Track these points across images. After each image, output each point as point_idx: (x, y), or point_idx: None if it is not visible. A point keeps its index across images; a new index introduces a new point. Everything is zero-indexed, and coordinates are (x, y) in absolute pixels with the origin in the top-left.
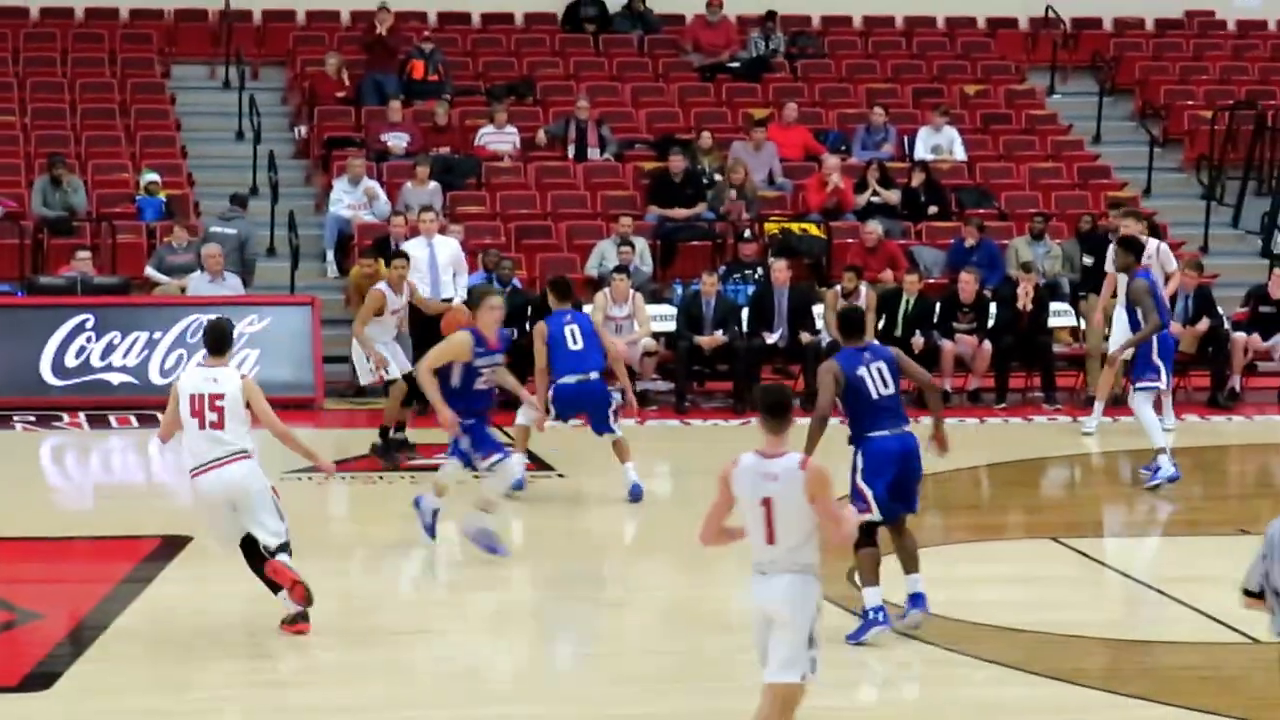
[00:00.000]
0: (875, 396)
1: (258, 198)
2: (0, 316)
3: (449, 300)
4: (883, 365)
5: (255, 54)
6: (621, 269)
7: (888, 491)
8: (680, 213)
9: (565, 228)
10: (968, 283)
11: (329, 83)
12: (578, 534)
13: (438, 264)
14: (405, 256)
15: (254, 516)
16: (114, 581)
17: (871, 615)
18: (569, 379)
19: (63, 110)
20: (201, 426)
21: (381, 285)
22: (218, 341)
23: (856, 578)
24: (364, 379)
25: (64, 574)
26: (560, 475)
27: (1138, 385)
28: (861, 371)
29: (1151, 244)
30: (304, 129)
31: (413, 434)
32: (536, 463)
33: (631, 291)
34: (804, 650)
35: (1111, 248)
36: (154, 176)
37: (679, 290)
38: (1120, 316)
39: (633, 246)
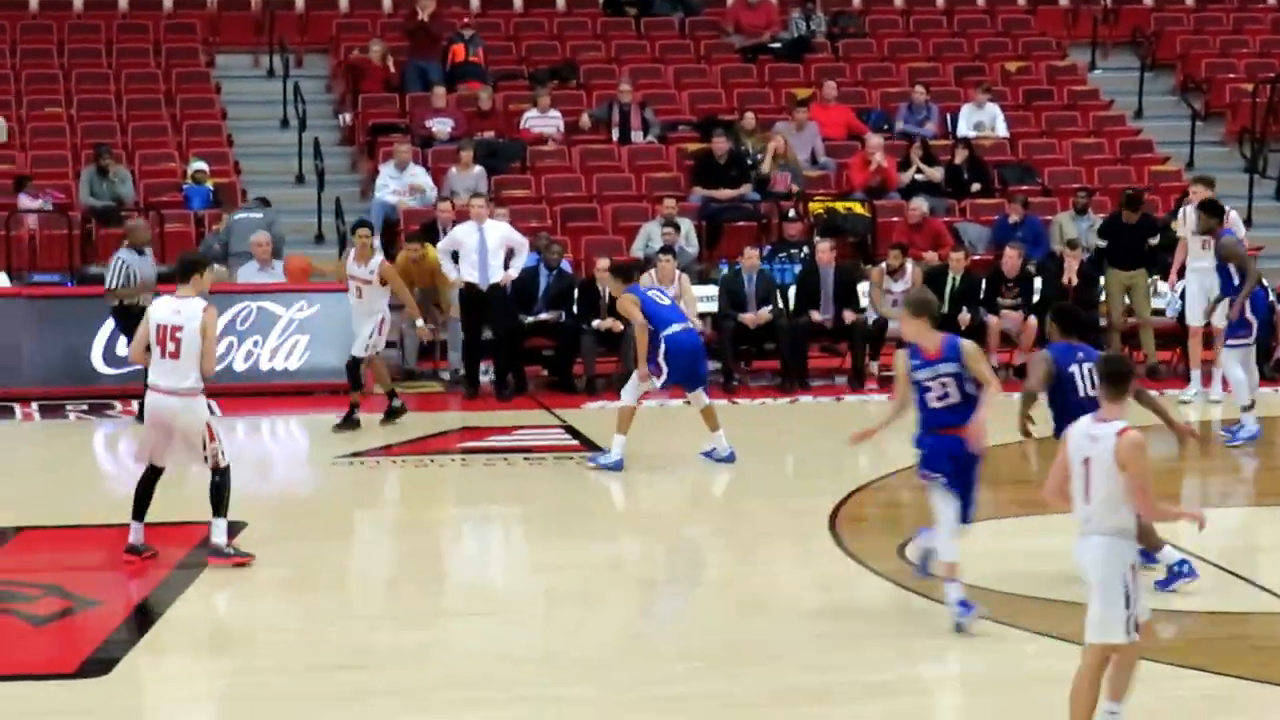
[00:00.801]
0: (1082, 395)
1: (304, 185)
2: (51, 307)
3: (497, 285)
4: (1090, 367)
5: (299, 41)
6: (667, 250)
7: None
8: (725, 193)
9: (610, 210)
10: (1012, 258)
11: (373, 69)
12: (629, 514)
13: (488, 248)
14: (368, 226)
15: (182, 451)
16: (169, 567)
17: (1178, 568)
18: (676, 327)
19: (108, 101)
20: (163, 355)
21: (348, 255)
22: (183, 269)
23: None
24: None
25: (119, 561)
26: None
27: (1229, 343)
28: (1073, 369)
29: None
30: (349, 116)
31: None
32: (585, 443)
33: (677, 273)
34: (1118, 610)
35: (1187, 213)
36: (201, 165)
37: (724, 271)
38: (1199, 283)
39: (678, 228)
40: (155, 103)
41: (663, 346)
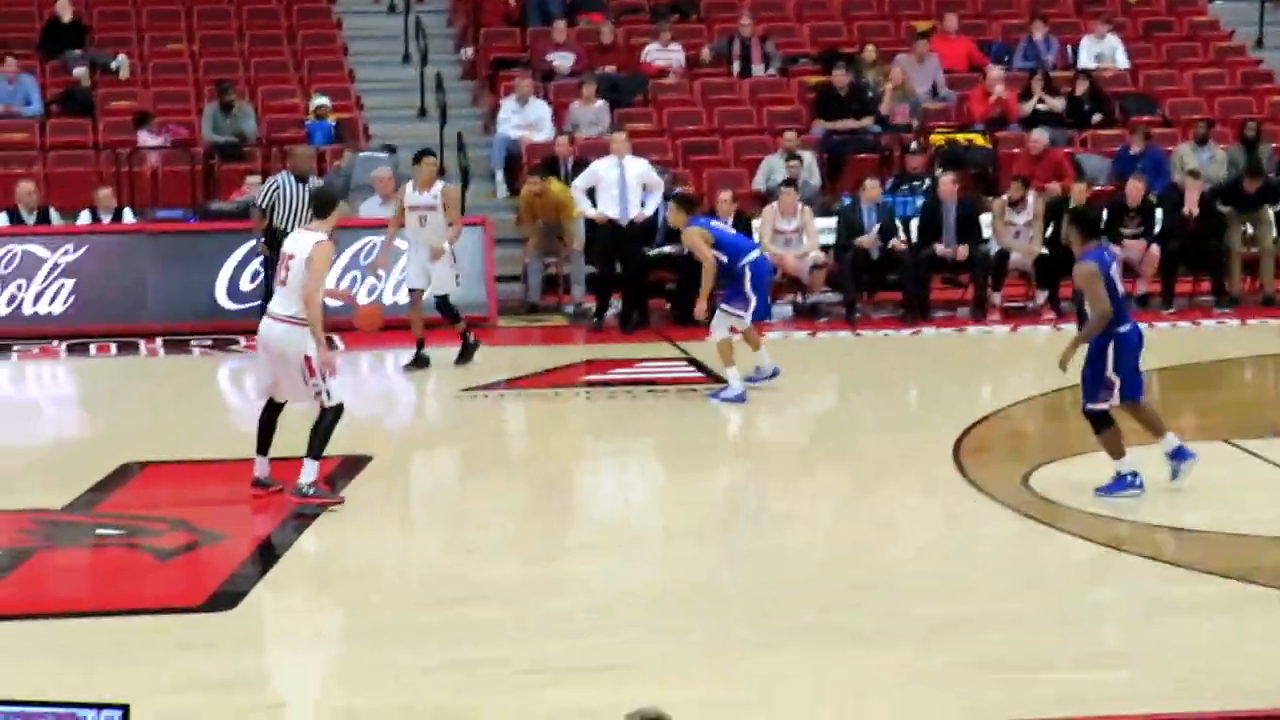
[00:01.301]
0: (1122, 292)
1: (425, 120)
2: (174, 243)
3: (633, 221)
4: (1116, 263)
5: None
6: (789, 183)
7: (1131, 378)
8: (846, 125)
9: (731, 144)
10: (1136, 189)
11: (494, 3)
12: (750, 447)
13: (627, 183)
14: (432, 153)
15: (289, 383)
16: (295, 502)
17: (1129, 479)
18: (754, 254)
19: (230, 37)
20: (279, 282)
21: (407, 183)
22: (319, 206)
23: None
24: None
25: (244, 495)
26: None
27: None
28: (1113, 270)
29: None
30: (470, 50)
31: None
32: (707, 374)
33: (800, 205)
34: None
35: None
36: (324, 100)
37: (846, 203)
38: None
39: (800, 160)
40: (277, 39)
41: (747, 274)
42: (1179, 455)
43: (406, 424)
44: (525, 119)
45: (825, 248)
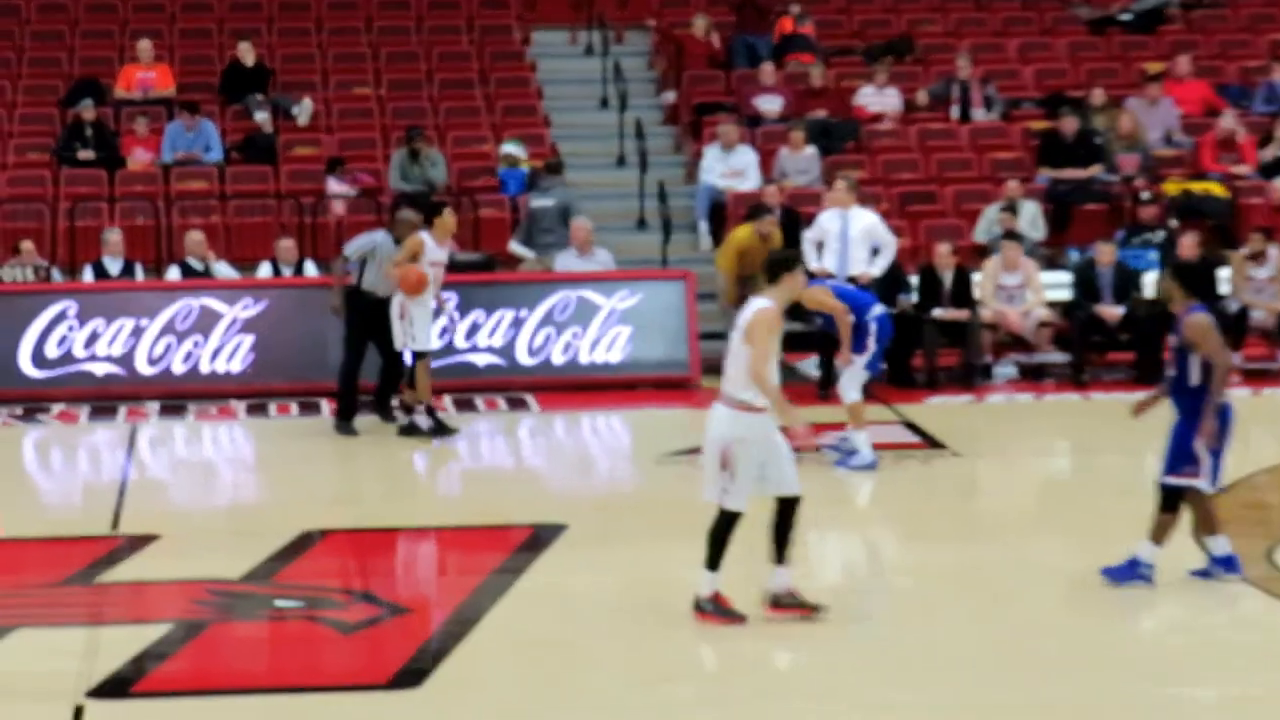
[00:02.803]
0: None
1: (625, 167)
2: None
3: (853, 279)
4: None
5: (618, 17)
6: (1012, 235)
7: (1220, 459)
8: (1073, 174)
9: (951, 192)
10: None
11: (697, 45)
12: (971, 516)
13: (850, 238)
14: (445, 204)
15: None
16: (484, 573)
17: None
18: (879, 309)
19: (419, 81)
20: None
21: (423, 233)
22: (770, 267)
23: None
24: (399, 344)
25: (431, 566)
26: (954, 454)
27: None
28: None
29: None
30: (672, 94)
31: None
32: (926, 440)
33: (1023, 259)
34: None
35: None
36: (513, 148)
37: (1073, 256)
38: None
39: (1015, 211)
40: (468, 83)
41: (872, 328)
42: (1227, 564)
43: (602, 491)
44: (730, 167)
45: (1051, 304)
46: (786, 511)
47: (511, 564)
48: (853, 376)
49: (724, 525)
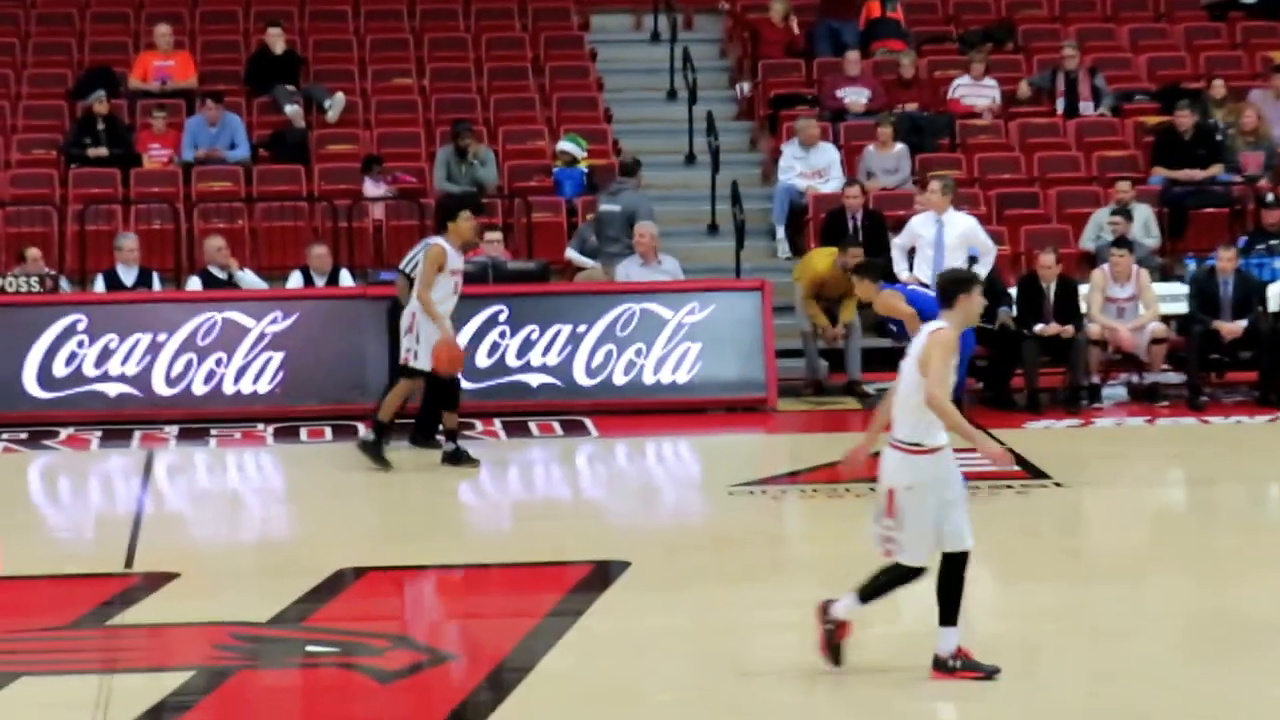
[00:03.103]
0: None
1: (694, 166)
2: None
3: None
4: None
5: (688, 0)
6: (1122, 242)
7: None
8: (1190, 175)
9: (1054, 195)
10: None
11: (774, 31)
12: (1076, 554)
13: (945, 245)
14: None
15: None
16: (538, 616)
17: None
18: None
19: (466, 70)
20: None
21: (441, 240)
22: (942, 290)
23: None
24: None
25: (480, 608)
26: (1057, 484)
27: None
28: None
29: None
30: (747, 86)
31: None
32: (1026, 469)
33: (1135, 268)
34: None
35: None
36: (570, 145)
37: (1190, 266)
38: None
39: (1130, 216)
40: (520, 72)
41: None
42: None
43: (669, 525)
44: (811, 165)
45: (1166, 318)
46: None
47: (568, 605)
48: None
49: (950, 572)
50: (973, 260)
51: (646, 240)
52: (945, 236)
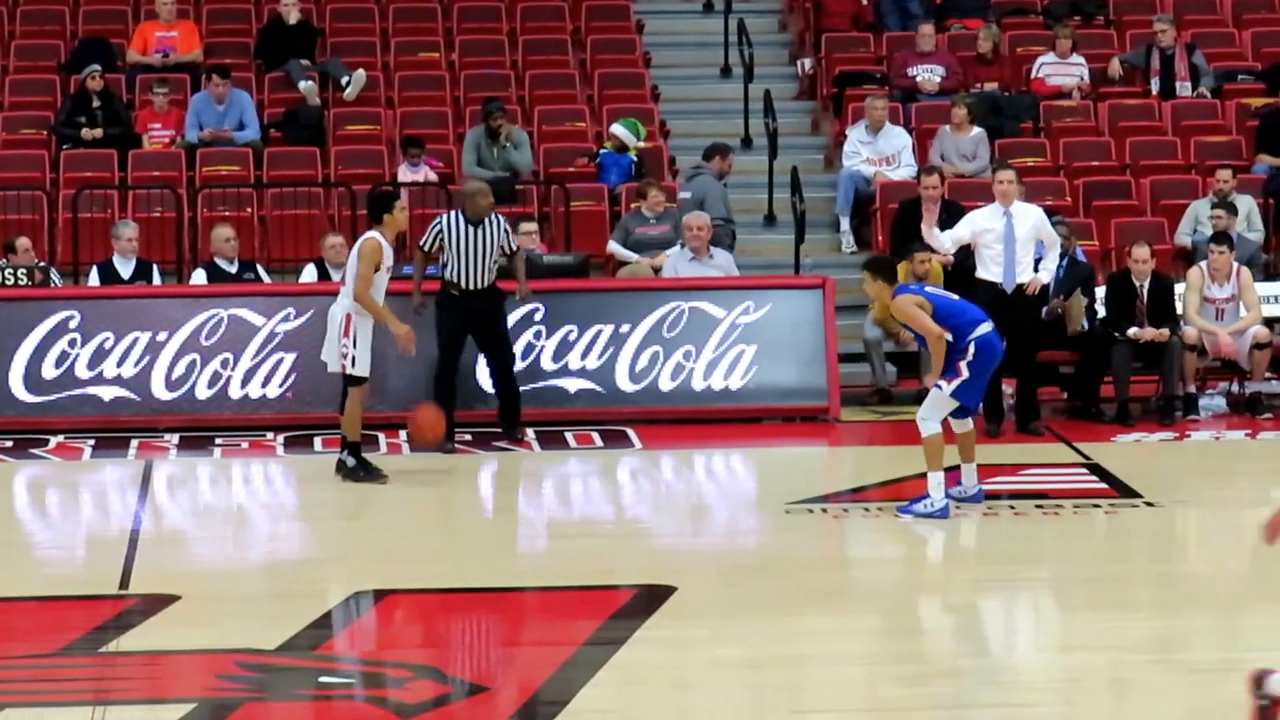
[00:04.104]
0: None
1: (751, 150)
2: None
3: (1022, 287)
4: None
5: None
6: (1222, 238)
7: None
8: None
9: (1147, 184)
10: None
11: (839, 3)
12: (1170, 580)
13: (1015, 239)
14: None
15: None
16: (575, 644)
17: None
18: (985, 327)
19: (500, 44)
20: None
21: (375, 234)
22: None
23: None
24: (331, 363)
25: (511, 635)
26: (1149, 504)
27: None
28: None
29: None
30: (808, 62)
31: None
32: (1117, 487)
33: (1236, 266)
34: None
35: None
36: (626, 131)
37: None
38: None
39: (1233, 209)
40: (559, 45)
41: (970, 350)
42: None
43: (719, 545)
44: (878, 151)
45: (1269, 321)
46: None
47: (608, 633)
48: (936, 404)
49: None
50: (1037, 261)
51: (698, 231)
52: (1016, 229)
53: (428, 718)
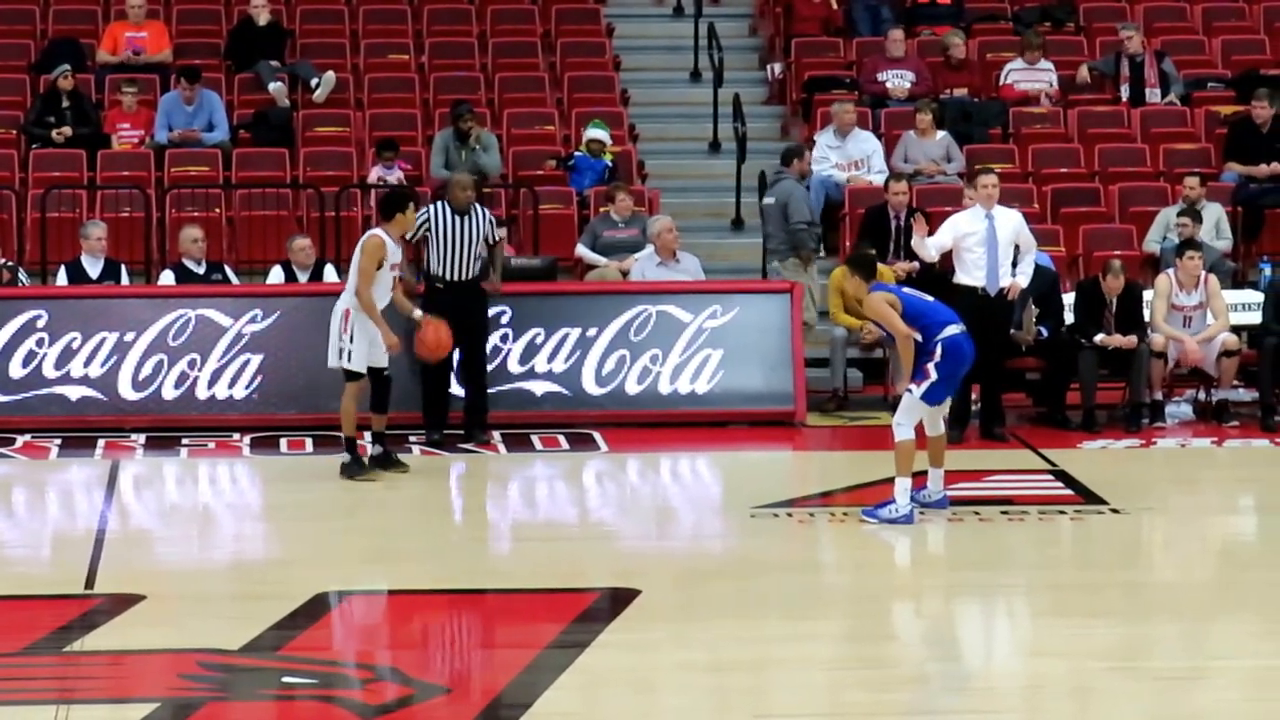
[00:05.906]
0: None
1: (719, 155)
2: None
3: (1004, 292)
4: None
5: None
6: (1190, 245)
7: None
8: (1268, 171)
9: (1116, 191)
10: None
11: (809, 7)
12: (1135, 587)
13: (998, 242)
14: (410, 196)
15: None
16: (538, 647)
17: None
18: (954, 329)
19: (469, 46)
20: None
21: (380, 231)
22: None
23: None
24: (331, 359)
25: (474, 637)
26: (1114, 510)
27: None
28: None
29: None
30: (778, 67)
31: None
32: (1082, 494)
33: (1204, 274)
34: None
35: None
36: (601, 133)
37: (1265, 271)
38: None
39: (1198, 217)
40: (529, 48)
41: (938, 351)
42: None
43: (684, 549)
44: (847, 156)
45: (1237, 329)
46: None
47: (571, 637)
48: (909, 409)
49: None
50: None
51: (664, 235)
52: (998, 232)
53: (391, 718)
